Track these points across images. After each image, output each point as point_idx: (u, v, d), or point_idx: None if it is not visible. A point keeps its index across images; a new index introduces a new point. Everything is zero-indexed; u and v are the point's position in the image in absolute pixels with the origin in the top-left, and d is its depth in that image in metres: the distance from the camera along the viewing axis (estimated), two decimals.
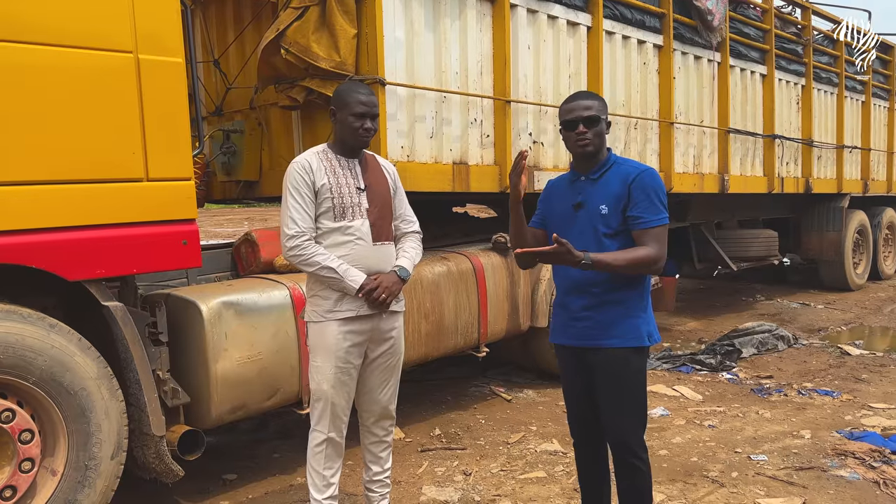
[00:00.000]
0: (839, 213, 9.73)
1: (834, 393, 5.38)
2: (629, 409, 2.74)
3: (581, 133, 2.70)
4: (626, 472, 2.76)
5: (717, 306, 9.35)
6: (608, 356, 2.70)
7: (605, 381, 2.72)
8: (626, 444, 2.74)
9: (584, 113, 2.70)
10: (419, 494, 3.74)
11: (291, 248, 2.91)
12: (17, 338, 2.80)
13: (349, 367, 3.00)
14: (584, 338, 2.74)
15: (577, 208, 2.75)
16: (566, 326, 2.81)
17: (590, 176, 2.77)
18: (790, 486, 3.74)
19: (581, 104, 2.73)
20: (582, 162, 2.79)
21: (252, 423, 4.90)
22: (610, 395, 2.73)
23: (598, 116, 2.71)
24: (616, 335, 2.69)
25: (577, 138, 2.71)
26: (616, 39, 6.04)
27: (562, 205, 2.84)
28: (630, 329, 2.70)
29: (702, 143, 7.17)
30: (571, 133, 2.73)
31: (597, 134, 2.71)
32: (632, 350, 2.70)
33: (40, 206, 2.87)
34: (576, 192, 2.79)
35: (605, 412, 2.76)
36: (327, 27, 4.10)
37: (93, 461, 3.00)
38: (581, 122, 2.70)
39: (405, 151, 4.47)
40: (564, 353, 2.86)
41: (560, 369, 2.95)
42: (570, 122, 2.72)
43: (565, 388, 2.95)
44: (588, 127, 2.70)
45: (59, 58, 2.89)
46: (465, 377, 5.93)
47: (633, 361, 2.71)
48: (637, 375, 2.74)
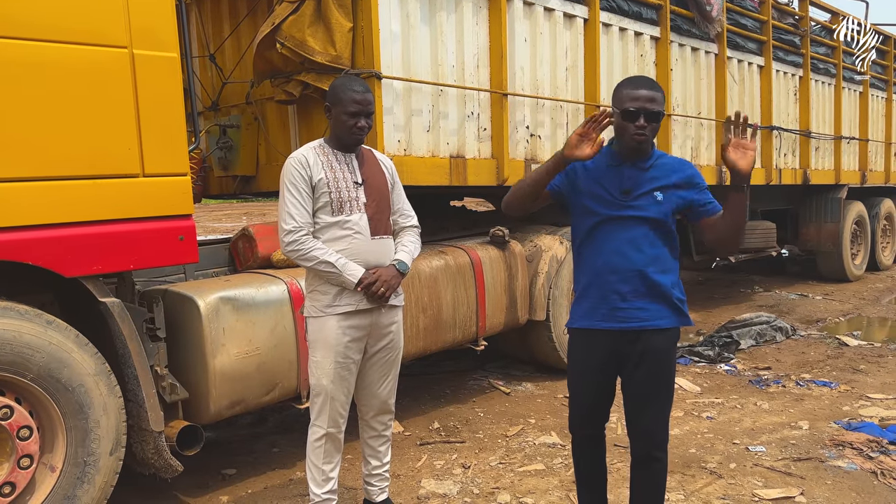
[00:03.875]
0: (837, 204, 9.74)
1: (832, 384, 5.39)
2: (666, 396, 2.74)
3: (641, 127, 2.58)
4: (650, 466, 2.75)
5: (716, 298, 9.36)
6: (661, 337, 2.68)
7: (651, 365, 2.68)
8: (658, 435, 2.71)
9: (648, 106, 2.56)
10: (418, 488, 3.74)
11: (289, 243, 2.91)
12: (15, 334, 2.80)
13: (349, 363, 3.00)
14: (633, 320, 2.66)
15: (626, 194, 2.66)
16: (611, 310, 2.69)
17: (640, 164, 2.68)
18: (788, 476, 3.75)
19: (645, 94, 2.57)
20: (631, 152, 2.68)
21: (251, 418, 4.91)
22: (651, 381, 2.70)
23: (661, 112, 2.61)
24: (666, 316, 2.68)
25: (635, 131, 2.57)
26: (613, 31, 6.03)
27: (603, 188, 2.70)
28: (677, 310, 2.70)
29: (699, 134, 7.17)
30: (630, 124, 2.58)
31: (654, 130, 2.62)
32: (677, 331, 2.72)
33: (36, 202, 2.86)
34: (622, 178, 2.67)
35: (641, 399, 2.72)
36: (323, 21, 4.08)
37: (91, 457, 3.00)
38: (644, 115, 2.56)
39: (402, 145, 4.47)
40: (595, 339, 2.74)
41: (577, 355, 2.82)
42: (633, 112, 2.57)
43: (581, 375, 2.82)
44: (649, 121, 2.58)
45: (54, 54, 2.87)
46: (464, 371, 5.94)
47: (675, 343, 2.75)
48: (674, 358, 2.77)
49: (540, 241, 5.40)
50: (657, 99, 2.60)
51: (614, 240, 2.66)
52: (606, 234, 2.67)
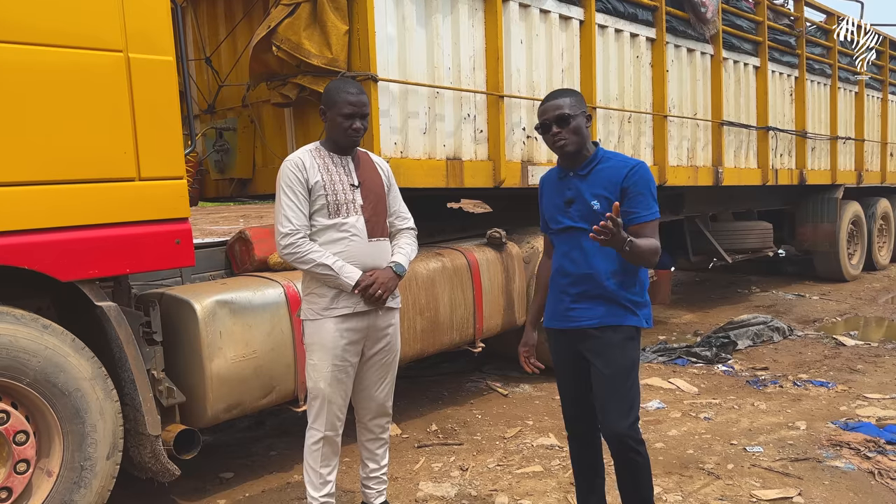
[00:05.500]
0: (834, 204, 9.76)
1: (829, 384, 5.40)
2: (625, 393, 2.74)
3: (555, 134, 2.70)
4: (624, 463, 2.77)
5: (713, 298, 9.37)
6: (608, 335, 2.72)
7: (602, 363, 2.73)
8: (623, 433, 2.72)
9: (553, 113, 2.70)
10: (416, 490, 3.74)
11: (286, 245, 2.91)
12: (11, 339, 2.79)
13: (346, 365, 3.00)
14: (581, 319, 2.76)
15: (569, 204, 2.76)
16: (564, 311, 2.81)
17: (578, 172, 2.77)
18: (786, 477, 3.76)
19: (551, 105, 2.73)
20: (566, 160, 2.80)
21: (248, 421, 4.90)
22: (604, 379, 2.73)
23: (568, 114, 2.69)
24: (614, 315, 2.72)
25: (553, 140, 2.73)
26: (609, 33, 6.03)
27: (553, 200, 2.85)
28: (627, 310, 2.74)
29: (696, 135, 7.18)
30: (548, 136, 2.75)
31: (573, 131, 2.70)
32: (630, 329, 2.74)
33: (32, 206, 2.85)
34: (565, 188, 2.79)
35: (600, 397, 2.77)
36: (319, 24, 4.09)
37: (88, 461, 3.00)
38: (553, 124, 2.70)
39: (398, 147, 4.47)
40: (556, 338, 2.89)
41: (552, 354, 2.95)
42: (543, 125, 2.74)
43: (557, 373, 2.97)
44: (561, 126, 2.69)
45: (49, 57, 2.87)
46: (461, 373, 5.94)
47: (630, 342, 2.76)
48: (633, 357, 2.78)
49: (537, 243, 5.40)
50: (563, 104, 2.71)
51: (566, 245, 2.80)
52: (560, 241, 2.84)
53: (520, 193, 5.44)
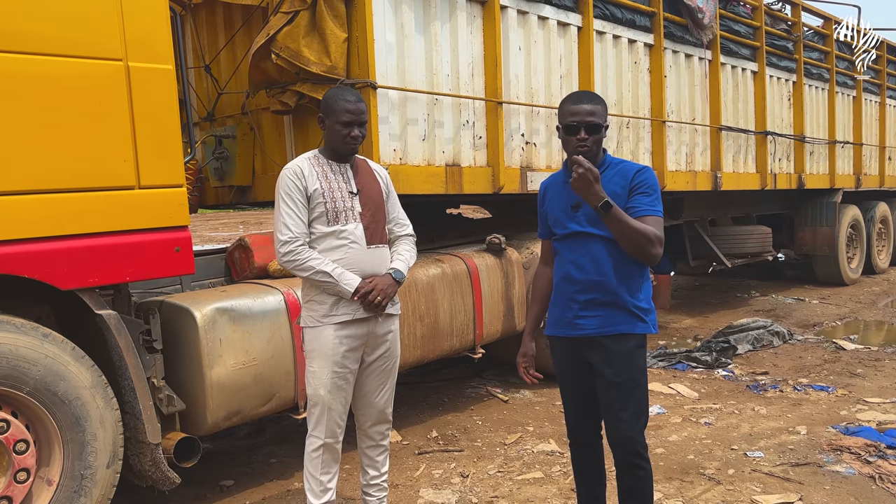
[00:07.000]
0: (832, 208, 9.78)
1: (829, 388, 5.40)
2: (634, 402, 2.72)
3: (582, 139, 2.65)
4: (629, 473, 2.75)
5: (712, 303, 9.37)
6: (618, 342, 2.70)
7: (610, 371, 2.70)
8: (630, 442, 2.71)
9: (588, 118, 2.65)
10: (416, 497, 3.74)
11: (285, 253, 2.91)
12: (11, 348, 2.79)
13: (346, 372, 3.00)
14: (587, 328, 2.72)
15: (576, 209, 2.72)
16: (571, 319, 2.77)
17: None
18: (786, 482, 3.75)
19: (584, 108, 2.66)
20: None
21: (248, 429, 4.90)
22: (613, 388, 2.71)
23: (599, 124, 2.67)
24: (622, 322, 2.69)
25: (577, 144, 2.66)
26: (607, 39, 6.05)
27: (559, 205, 2.80)
28: (636, 317, 2.72)
29: (694, 140, 7.20)
30: (572, 138, 2.67)
31: (596, 141, 2.68)
32: (639, 337, 2.72)
33: (32, 215, 2.86)
34: (572, 193, 2.71)
35: (608, 406, 2.75)
36: (318, 31, 4.10)
37: (88, 470, 2.99)
38: (584, 128, 2.65)
39: (398, 154, 4.47)
40: (561, 346, 2.85)
41: (555, 362, 2.92)
42: (572, 126, 2.66)
43: (561, 381, 2.93)
44: (590, 134, 2.65)
45: (49, 67, 2.88)
46: (462, 379, 5.94)
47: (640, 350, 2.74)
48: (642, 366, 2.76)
49: (536, 249, 5.41)
50: (597, 112, 2.68)
51: (573, 252, 2.75)
52: (567, 248, 2.78)
53: (519, 197, 5.45)
